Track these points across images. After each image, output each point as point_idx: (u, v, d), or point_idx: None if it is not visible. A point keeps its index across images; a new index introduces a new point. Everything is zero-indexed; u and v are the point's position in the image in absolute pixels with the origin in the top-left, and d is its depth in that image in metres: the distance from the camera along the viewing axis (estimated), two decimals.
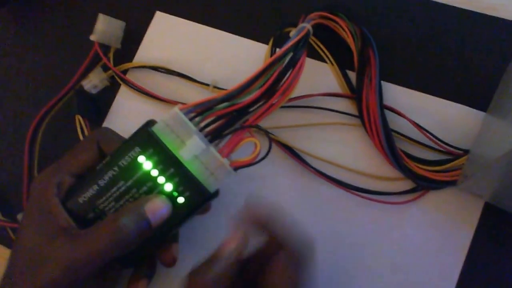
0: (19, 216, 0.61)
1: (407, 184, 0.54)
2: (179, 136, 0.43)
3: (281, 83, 0.45)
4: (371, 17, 0.59)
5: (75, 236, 0.43)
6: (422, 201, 0.53)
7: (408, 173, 0.52)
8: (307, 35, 0.47)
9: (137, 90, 0.62)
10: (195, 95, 0.61)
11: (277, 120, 0.58)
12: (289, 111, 0.58)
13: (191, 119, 0.43)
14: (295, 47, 0.45)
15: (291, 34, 0.48)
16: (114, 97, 0.64)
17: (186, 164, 0.43)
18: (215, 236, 0.56)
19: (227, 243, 0.43)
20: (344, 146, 0.56)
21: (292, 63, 0.45)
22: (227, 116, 0.45)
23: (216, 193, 0.46)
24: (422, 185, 0.53)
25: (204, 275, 0.41)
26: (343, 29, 0.55)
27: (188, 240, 0.56)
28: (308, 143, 0.57)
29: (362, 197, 0.54)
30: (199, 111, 0.44)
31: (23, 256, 0.44)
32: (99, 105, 0.64)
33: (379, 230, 0.54)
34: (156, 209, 0.43)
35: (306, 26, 0.48)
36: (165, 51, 0.64)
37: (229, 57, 0.62)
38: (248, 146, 0.45)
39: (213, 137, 0.44)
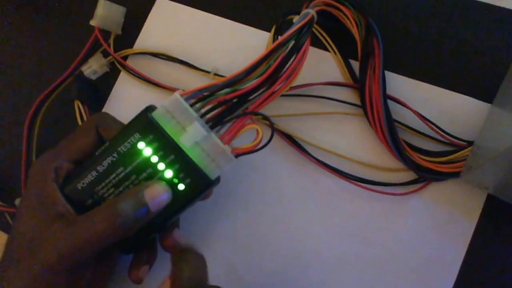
0: (17, 201, 0.60)
1: (409, 175, 0.54)
2: (180, 122, 0.42)
3: (284, 70, 0.44)
4: (376, 6, 0.58)
5: (73, 222, 0.42)
6: (424, 192, 0.53)
7: (411, 164, 0.52)
8: (311, 21, 0.46)
9: (137, 76, 0.61)
10: (196, 82, 0.61)
11: (278, 108, 0.57)
12: (290, 100, 0.57)
13: (191, 105, 0.43)
14: (299, 33, 0.45)
15: (295, 20, 0.48)
16: (114, 83, 0.63)
17: (186, 151, 0.43)
18: (214, 223, 0.56)
19: None
20: (345, 136, 0.56)
21: (296, 49, 0.44)
22: (228, 102, 0.44)
23: (217, 180, 0.45)
24: (425, 176, 0.52)
25: None
26: (347, 17, 0.54)
27: (187, 226, 0.56)
28: (309, 132, 0.57)
29: (363, 187, 0.54)
30: (200, 97, 0.43)
31: (20, 241, 0.44)
32: (98, 91, 0.63)
33: (380, 221, 0.53)
34: (156, 195, 0.43)
35: (310, 12, 0.47)
36: (165, 37, 0.63)
37: (230, 44, 0.61)
38: (248, 133, 0.44)
39: (214, 123, 0.44)
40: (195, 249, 0.45)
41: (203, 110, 0.44)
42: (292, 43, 0.45)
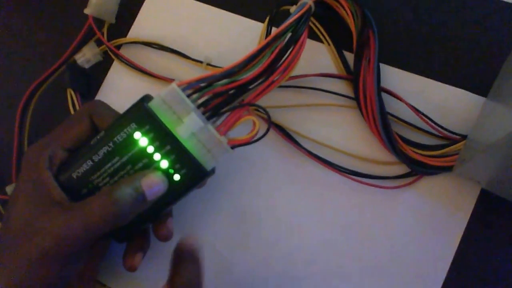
0: (8, 188, 0.60)
1: (402, 169, 0.54)
2: (176, 113, 0.42)
3: (281, 61, 0.44)
4: None
5: (69, 209, 0.42)
6: (416, 186, 0.53)
7: (403, 158, 0.52)
8: (308, 11, 0.46)
9: (130, 65, 0.61)
10: (189, 72, 0.61)
11: (270, 99, 0.57)
12: (283, 91, 0.57)
13: (188, 96, 0.43)
14: (297, 24, 0.45)
15: (292, 10, 0.48)
16: (107, 72, 0.63)
17: (183, 142, 0.43)
18: (205, 213, 0.56)
19: None
20: (338, 128, 0.56)
21: (294, 40, 0.44)
22: (225, 93, 0.44)
23: (212, 171, 0.46)
24: (417, 170, 0.52)
25: None
26: (343, 8, 0.54)
27: (179, 216, 0.56)
28: (301, 124, 0.56)
29: (356, 180, 0.54)
30: (197, 87, 0.43)
31: (14, 227, 0.44)
32: (91, 79, 0.63)
33: (372, 214, 0.53)
34: (152, 184, 0.43)
35: (308, 2, 0.47)
36: (159, 27, 0.63)
37: (223, 35, 0.61)
38: (243, 124, 0.45)
39: (211, 114, 0.44)
40: (195, 254, 0.45)
41: (199, 101, 0.44)
42: (289, 34, 0.45)
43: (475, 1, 0.56)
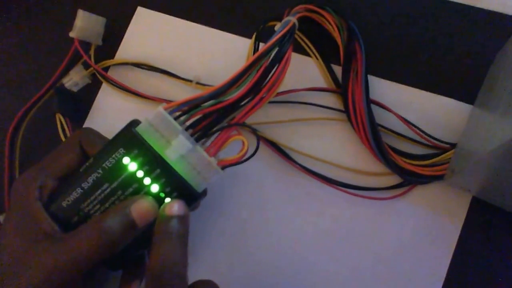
0: (2, 218, 0.60)
1: (394, 179, 0.54)
2: (164, 136, 0.42)
3: (267, 79, 0.44)
4: (357, 10, 0.58)
5: (59, 240, 0.42)
6: (409, 196, 0.53)
7: (395, 168, 0.52)
8: (292, 29, 0.46)
9: (119, 87, 0.61)
10: (178, 92, 0.60)
11: (261, 116, 0.57)
12: (273, 107, 0.57)
13: (176, 118, 0.43)
14: (281, 42, 0.45)
15: (276, 28, 0.48)
16: (96, 94, 0.63)
17: (172, 164, 0.43)
18: (199, 232, 0.56)
19: None
20: (330, 141, 0.56)
21: (278, 58, 0.44)
22: (213, 114, 0.44)
23: (204, 193, 0.45)
24: (409, 180, 0.52)
25: None
26: (329, 22, 0.54)
27: None
28: (293, 138, 0.57)
29: (348, 193, 0.54)
30: (184, 109, 0.43)
31: (4, 260, 0.43)
32: (80, 103, 0.63)
33: (366, 226, 0.53)
34: (142, 210, 0.42)
35: (291, 19, 0.47)
36: (147, 47, 0.63)
37: (211, 52, 0.61)
38: (235, 143, 0.44)
39: (200, 136, 0.44)
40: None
41: (188, 123, 0.44)
42: (274, 51, 0.45)
43: (460, 11, 0.56)
